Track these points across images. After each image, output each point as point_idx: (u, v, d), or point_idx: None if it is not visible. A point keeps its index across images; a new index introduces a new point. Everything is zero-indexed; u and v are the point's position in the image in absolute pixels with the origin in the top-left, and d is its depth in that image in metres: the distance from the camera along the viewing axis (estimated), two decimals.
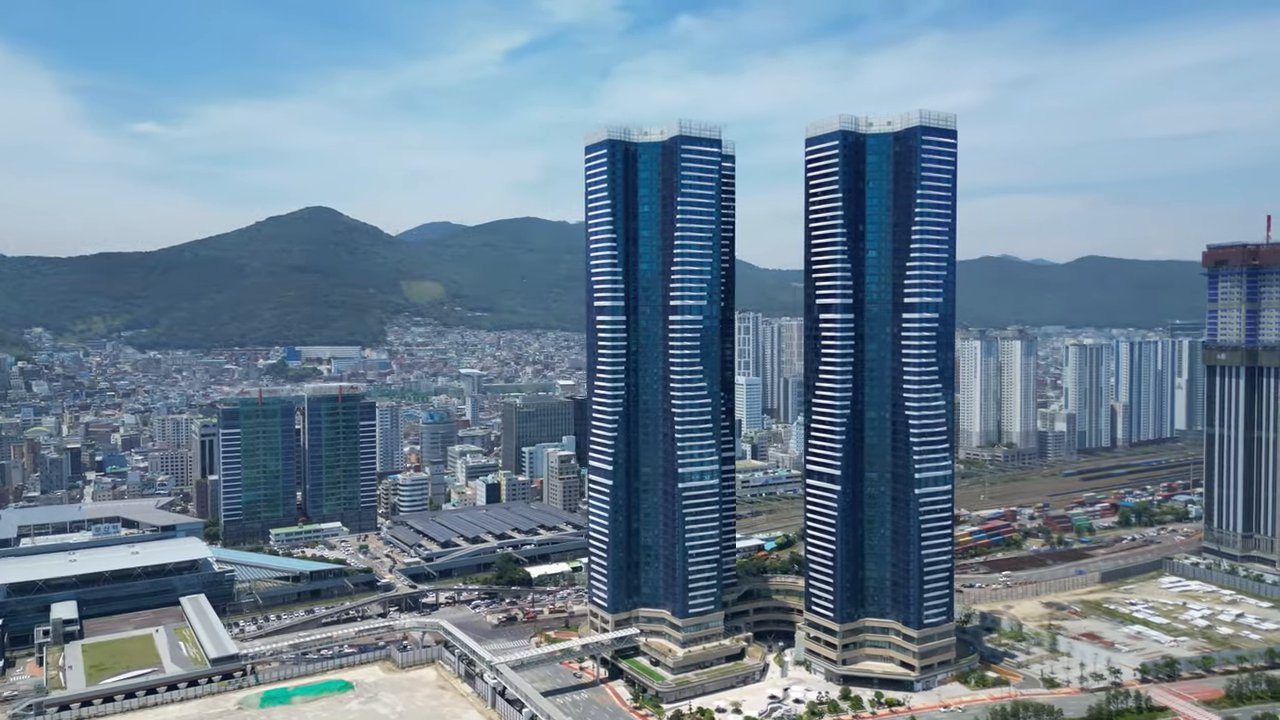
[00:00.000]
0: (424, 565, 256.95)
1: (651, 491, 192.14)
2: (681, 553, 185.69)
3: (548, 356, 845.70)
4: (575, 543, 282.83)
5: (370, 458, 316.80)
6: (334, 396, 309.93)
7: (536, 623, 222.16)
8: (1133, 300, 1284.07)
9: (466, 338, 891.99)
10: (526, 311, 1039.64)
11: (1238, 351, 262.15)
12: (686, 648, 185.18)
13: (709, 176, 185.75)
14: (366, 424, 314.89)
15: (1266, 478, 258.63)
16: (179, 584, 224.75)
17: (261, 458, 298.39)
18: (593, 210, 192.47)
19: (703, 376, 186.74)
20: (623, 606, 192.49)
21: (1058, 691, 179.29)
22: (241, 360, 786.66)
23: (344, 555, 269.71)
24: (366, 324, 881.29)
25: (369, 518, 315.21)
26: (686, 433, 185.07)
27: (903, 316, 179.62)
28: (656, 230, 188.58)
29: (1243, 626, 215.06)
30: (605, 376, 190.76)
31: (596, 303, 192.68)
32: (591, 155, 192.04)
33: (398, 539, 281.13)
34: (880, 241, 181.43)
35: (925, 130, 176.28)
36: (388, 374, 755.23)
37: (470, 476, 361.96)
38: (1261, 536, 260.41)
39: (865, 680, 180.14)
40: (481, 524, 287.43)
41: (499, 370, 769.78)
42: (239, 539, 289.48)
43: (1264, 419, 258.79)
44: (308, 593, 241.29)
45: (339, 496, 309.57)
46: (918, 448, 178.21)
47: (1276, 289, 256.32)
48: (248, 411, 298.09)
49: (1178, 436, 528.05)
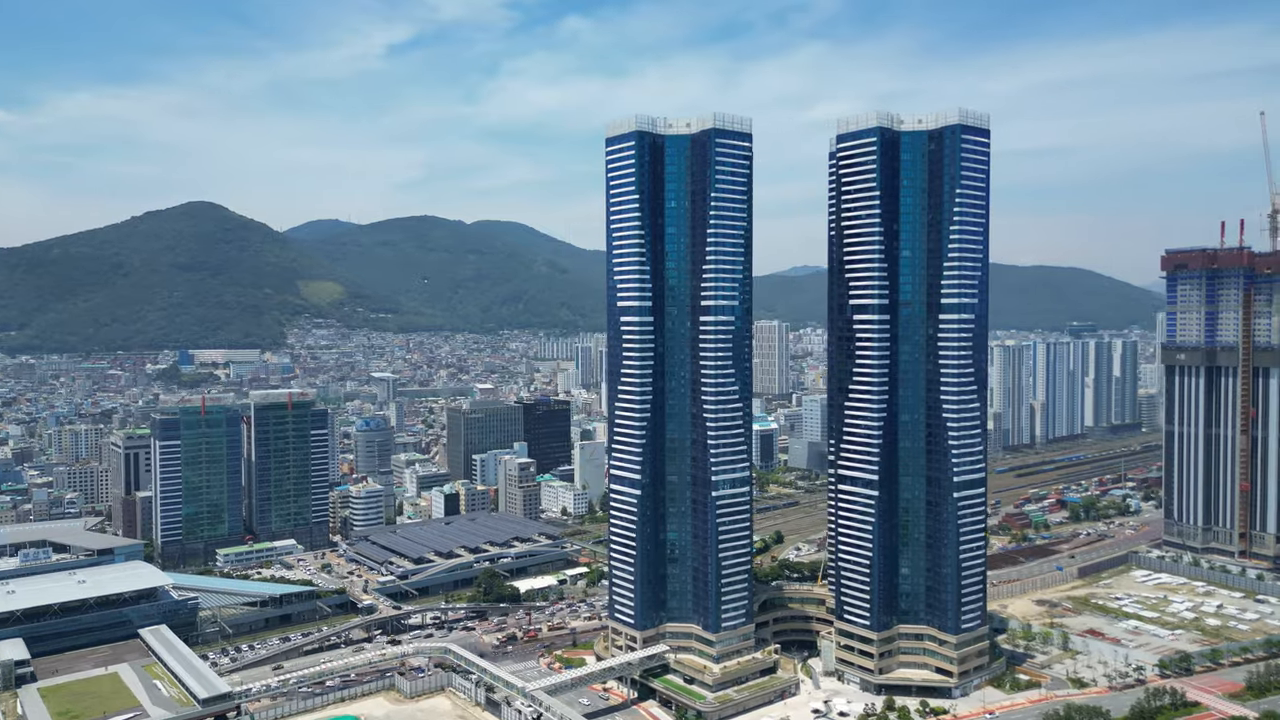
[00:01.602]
0: (399, 584, 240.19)
1: (679, 501, 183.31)
2: (714, 564, 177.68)
3: (460, 360, 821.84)
4: (553, 554, 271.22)
5: (323, 469, 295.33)
6: (283, 404, 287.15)
7: (538, 641, 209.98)
8: (1013, 305, 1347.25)
9: (373, 340, 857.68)
10: (432, 313, 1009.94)
11: (1198, 352, 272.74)
12: (721, 663, 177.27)
13: (741, 171, 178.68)
14: (318, 433, 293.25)
15: (1225, 473, 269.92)
16: (135, 615, 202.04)
17: (204, 471, 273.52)
18: (616, 205, 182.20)
19: (734, 380, 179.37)
20: (650, 622, 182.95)
21: (1088, 691, 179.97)
22: (128, 365, 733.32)
23: (306, 576, 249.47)
24: (264, 326, 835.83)
25: (321, 534, 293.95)
26: (719, 439, 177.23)
27: (939, 318, 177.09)
28: (685, 227, 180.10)
29: (1228, 618, 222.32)
30: (632, 380, 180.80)
31: (621, 302, 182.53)
32: (615, 147, 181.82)
33: (364, 556, 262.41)
34: (914, 241, 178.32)
35: (964, 129, 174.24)
36: (291, 378, 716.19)
37: (422, 487, 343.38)
38: (1220, 529, 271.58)
39: (903, 689, 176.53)
40: (452, 538, 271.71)
41: (412, 374, 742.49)
42: (179, 561, 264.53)
43: (1222, 417, 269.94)
44: (277, 618, 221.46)
45: (289, 512, 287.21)
46: (956, 451, 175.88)
47: (1234, 292, 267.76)
48: (189, 421, 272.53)
49: (1086, 433, 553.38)
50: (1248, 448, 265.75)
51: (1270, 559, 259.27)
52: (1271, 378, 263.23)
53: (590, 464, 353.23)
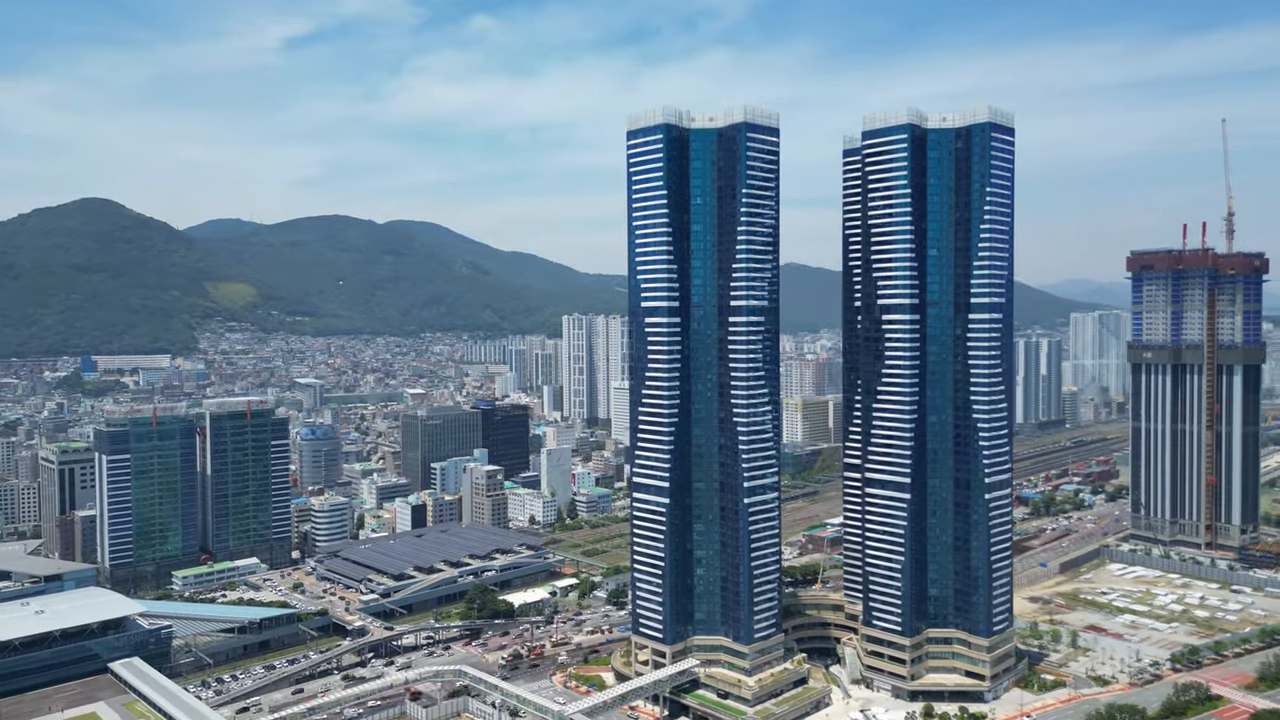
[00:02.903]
0: (384, 603, 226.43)
1: (707, 508, 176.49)
2: (746, 573, 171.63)
3: (385, 364, 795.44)
4: (537, 566, 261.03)
5: (283, 482, 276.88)
6: (241, 412, 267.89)
7: (543, 658, 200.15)
8: None
9: (291, 344, 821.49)
10: (350, 315, 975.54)
11: (1164, 350, 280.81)
12: (755, 676, 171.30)
13: (771, 167, 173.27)
14: (279, 443, 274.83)
15: (1191, 467, 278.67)
16: (102, 648, 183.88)
17: (156, 487, 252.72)
18: (641, 202, 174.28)
19: (765, 383, 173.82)
20: (679, 636, 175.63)
21: (1111, 689, 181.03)
22: (23, 373, 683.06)
23: (277, 597, 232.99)
24: (173, 330, 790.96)
25: (282, 551, 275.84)
26: (751, 444, 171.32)
27: (969, 318, 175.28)
28: (711, 225, 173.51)
29: (1213, 609, 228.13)
30: (660, 384, 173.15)
31: (646, 303, 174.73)
32: (639, 141, 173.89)
33: (337, 574, 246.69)
34: (941, 240, 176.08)
35: (994, 127, 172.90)
36: (207, 385, 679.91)
37: (383, 499, 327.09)
38: (1187, 521, 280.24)
39: (935, 694, 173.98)
40: (429, 552, 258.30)
41: (336, 379, 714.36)
42: (129, 586, 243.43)
43: (1188, 412, 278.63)
44: (256, 645, 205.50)
45: (248, 529, 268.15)
46: (987, 451, 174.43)
47: (1198, 291, 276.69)
48: (140, 433, 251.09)
49: (1018, 430, 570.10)
50: (1213, 443, 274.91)
51: (1235, 549, 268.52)
52: (1235, 375, 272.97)
53: (556, 470, 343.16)
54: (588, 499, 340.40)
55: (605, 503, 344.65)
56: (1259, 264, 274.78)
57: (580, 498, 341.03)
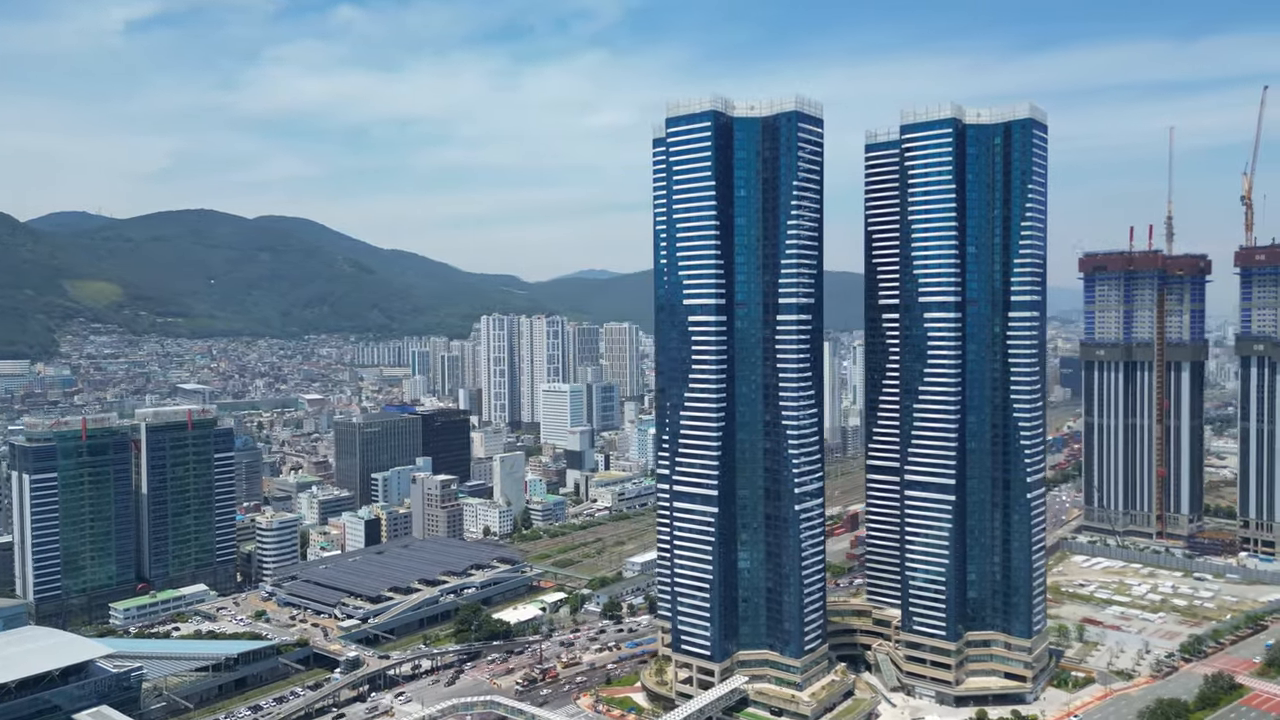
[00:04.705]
0: (366, 628, 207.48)
1: (751, 517, 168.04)
2: (796, 583, 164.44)
3: (272, 367, 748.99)
4: (517, 581, 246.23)
5: (229, 500, 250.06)
6: (182, 423, 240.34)
7: (558, 681, 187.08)
8: None
9: (167, 347, 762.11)
10: (227, 316, 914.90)
11: (1116, 348, 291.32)
12: (809, 690, 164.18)
13: (816, 158, 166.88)
14: (223, 457, 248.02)
15: (1142, 460, 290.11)
16: (63, 698, 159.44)
17: (87, 509, 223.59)
18: (685, 192, 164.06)
19: (812, 385, 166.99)
20: (726, 652, 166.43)
21: (1136, 682, 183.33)
22: None
23: (240, 628, 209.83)
24: (30, 332, 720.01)
25: (226, 575, 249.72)
26: (800, 448, 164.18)
27: (1009, 316, 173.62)
28: (756, 218, 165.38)
29: (1189, 597, 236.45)
30: (707, 386, 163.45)
31: (689, 300, 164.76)
32: (683, 128, 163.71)
33: (301, 598, 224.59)
34: (980, 237, 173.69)
35: (1034, 124, 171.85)
36: (75, 392, 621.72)
37: (326, 513, 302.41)
38: (1138, 512, 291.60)
39: (979, 699, 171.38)
40: (401, 570, 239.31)
41: (223, 385, 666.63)
42: (56, 621, 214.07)
43: (1138, 407, 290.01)
44: (232, 684, 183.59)
45: (190, 553, 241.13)
46: (1028, 451, 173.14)
47: (1148, 292, 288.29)
48: (67, 448, 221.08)
49: None
50: (1163, 436, 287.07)
51: (1184, 538, 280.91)
52: (1183, 371, 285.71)
53: (510, 478, 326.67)
54: (543, 507, 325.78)
55: (560, 510, 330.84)
56: (1204, 265, 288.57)
57: (535, 506, 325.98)
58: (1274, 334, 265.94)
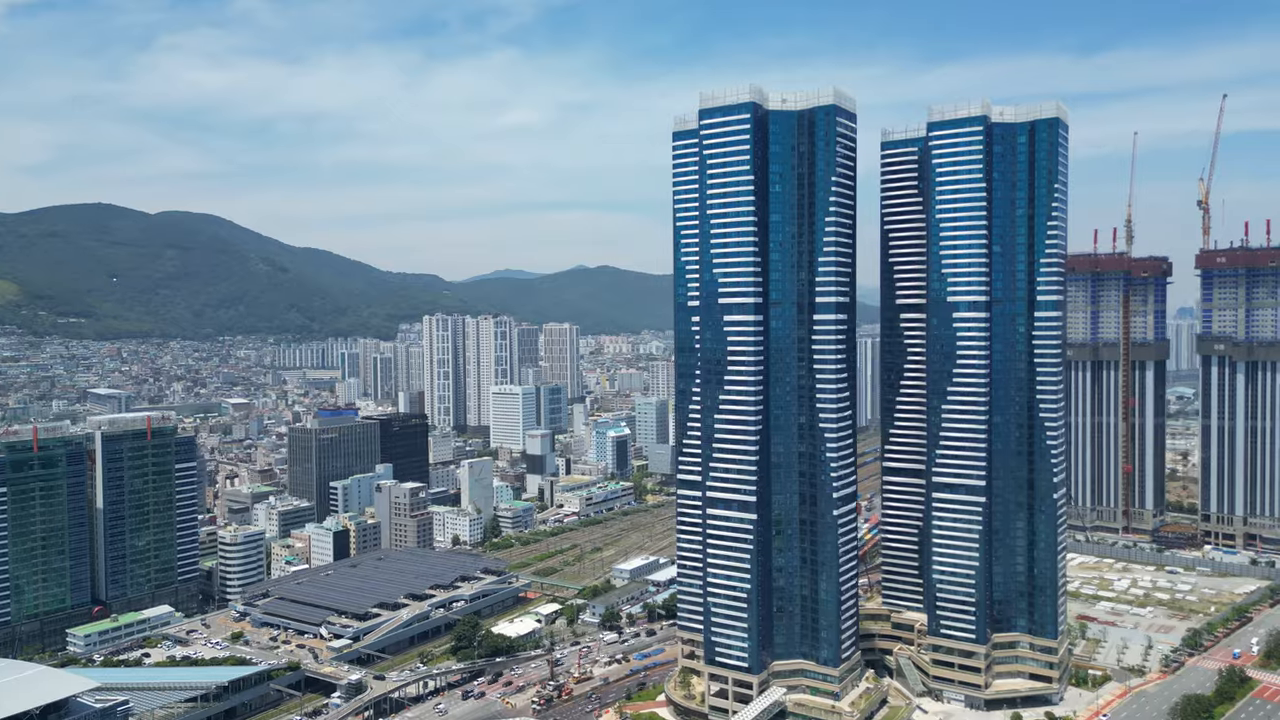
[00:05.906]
0: (358, 648, 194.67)
1: (786, 523, 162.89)
2: (833, 590, 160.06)
3: (189, 370, 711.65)
4: (505, 592, 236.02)
5: (191, 514, 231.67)
6: (141, 431, 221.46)
7: (574, 699, 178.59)
8: None
9: (72, 349, 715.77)
10: (134, 317, 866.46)
11: (1085, 348, 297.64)
12: (848, 699, 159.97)
13: (851, 154, 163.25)
14: (185, 467, 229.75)
15: (1107, 457, 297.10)
16: None
17: (39, 527, 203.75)
18: (720, 187, 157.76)
19: (848, 387, 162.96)
20: (763, 663, 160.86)
21: (1150, 678, 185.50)
22: None
23: (217, 652, 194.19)
24: None
25: (188, 595, 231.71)
26: (838, 452, 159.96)
27: (1035, 315, 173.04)
28: (791, 214, 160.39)
29: (1170, 591, 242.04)
30: (744, 389, 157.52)
31: (724, 299, 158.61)
32: (717, 121, 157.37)
33: (279, 617, 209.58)
34: (1006, 236, 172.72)
35: (1059, 123, 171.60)
36: None
37: (287, 525, 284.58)
38: (1104, 508, 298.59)
39: (1008, 701, 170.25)
40: (383, 584, 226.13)
41: (137, 389, 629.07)
42: (8, 650, 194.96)
43: (1105, 406, 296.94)
44: (221, 714, 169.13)
45: (149, 572, 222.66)
46: (1054, 451, 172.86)
47: (1114, 293, 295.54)
48: (17, 460, 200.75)
49: (869, 426, 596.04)
50: (1128, 433, 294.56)
51: (1149, 532, 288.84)
52: (1147, 370, 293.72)
53: (479, 485, 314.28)
54: (512, 514, 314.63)
55: (529, 517, 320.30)
56: (1165, 267, 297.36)
57: (504, 514, 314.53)
58: (1234, 334, 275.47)
